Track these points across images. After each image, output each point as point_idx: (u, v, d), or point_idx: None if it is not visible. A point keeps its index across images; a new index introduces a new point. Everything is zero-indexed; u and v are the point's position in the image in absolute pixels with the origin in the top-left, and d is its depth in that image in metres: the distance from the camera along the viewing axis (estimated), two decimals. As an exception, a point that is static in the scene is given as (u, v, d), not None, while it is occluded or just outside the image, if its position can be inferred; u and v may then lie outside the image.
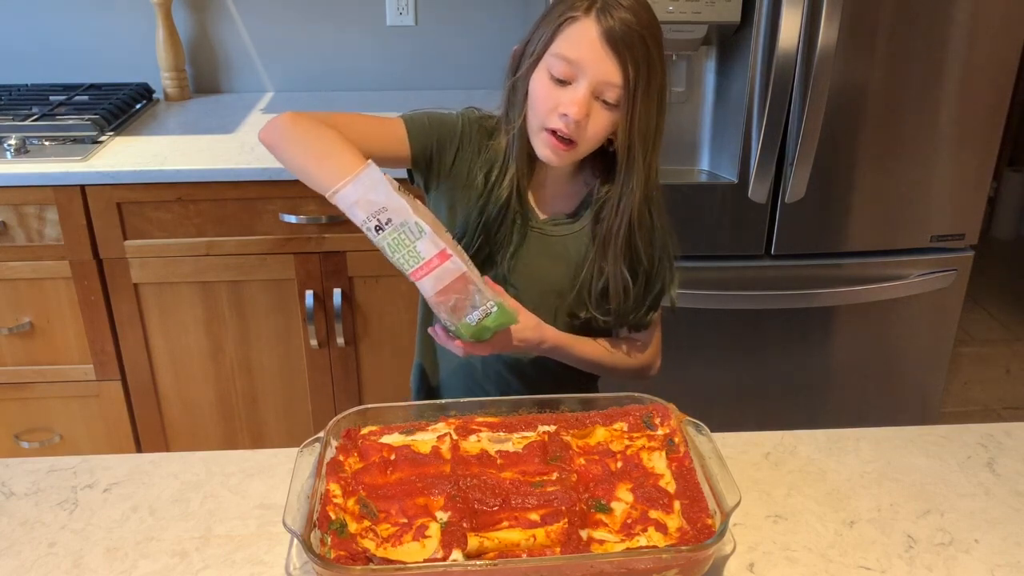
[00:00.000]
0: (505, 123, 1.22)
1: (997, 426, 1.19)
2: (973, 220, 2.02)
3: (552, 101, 1.13)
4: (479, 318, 1.07)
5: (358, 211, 1.05)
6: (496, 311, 1.07)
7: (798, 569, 0.94)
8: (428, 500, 0.94)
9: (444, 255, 1.03)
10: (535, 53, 1.15)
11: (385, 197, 1.04)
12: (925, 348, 2.12)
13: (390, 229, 1.04)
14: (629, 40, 1.09)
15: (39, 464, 1.09)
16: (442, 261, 1.04)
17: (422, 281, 1.05)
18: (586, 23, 1.10)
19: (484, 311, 1.07)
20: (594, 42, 1.10)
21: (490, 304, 1.07)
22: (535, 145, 1.18)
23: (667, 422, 1.05)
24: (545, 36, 1.14)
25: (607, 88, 1.12)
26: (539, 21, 1.17)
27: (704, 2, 1.75)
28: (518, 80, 1.18)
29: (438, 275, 1.04)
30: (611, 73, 1.10)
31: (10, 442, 2.09)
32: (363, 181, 1.05)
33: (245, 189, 1.89)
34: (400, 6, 2.40)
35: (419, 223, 1.03)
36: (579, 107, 1.11)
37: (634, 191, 1.18)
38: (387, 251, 1.05)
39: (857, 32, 1.80)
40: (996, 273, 3.83)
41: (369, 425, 1.05)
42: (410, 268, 1.05)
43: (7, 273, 1.93)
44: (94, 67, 2.38)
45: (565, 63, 1.11)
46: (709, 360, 2.07)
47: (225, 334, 2.04)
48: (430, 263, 1.04)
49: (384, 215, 1.04)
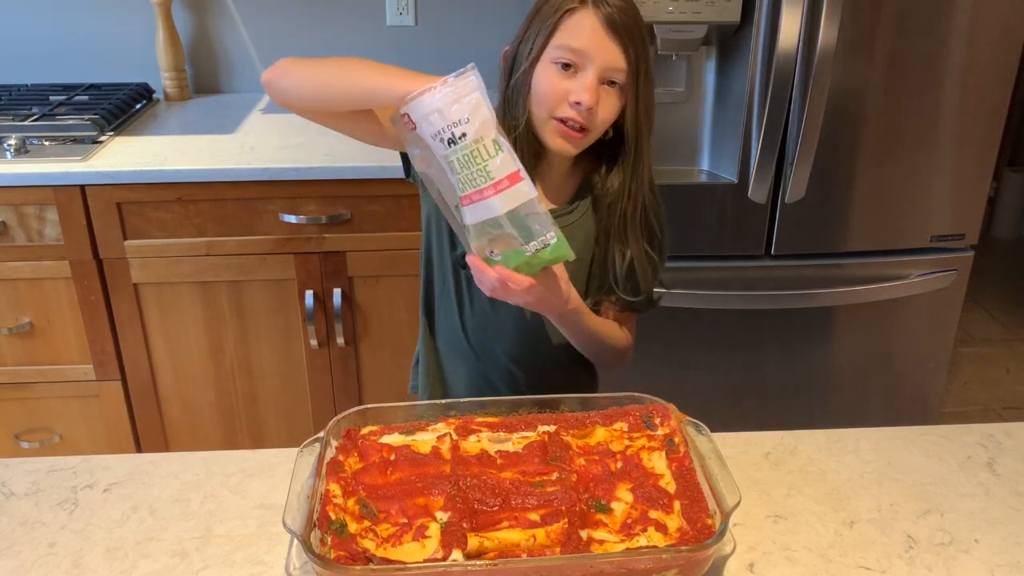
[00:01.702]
0: (509, 121, 1.22)
1: (997, 426, 1.19)
2: (973, 220, 2.02)
3: (561, 91, 1.15)
4: (536, 248, 1.02)
5: (434, 120, 0.99)
6: (555, 242, 1.02)
7: (798, 569, 0.94)
8: (428, 500, 0.94)
9: (516, 176, 0.99)
10: (534, 50, 1.17)
11: (472, 108, 0.98)
12: (925, 348, 2.12)
13: (464, 143, 0.98)
14: (627, 24, 1.14)
15: (39, 464, 1.09)
16: (513, 183, 0.99)
17: (487, 201, 0.99)
18: (585, 13, 1.13)
19: (543, 241, 1.02)
20: (597, 29, 1.13)
21: (550, 234, 1.02)
22: (545, 137, 1.19)
23: (667, 422, 1.05)
24: (544, 32, 1.16)
25: (613, 73, 1.15)
26: (529, 20, 1.19)
27: (704, 2, 1.75)
28: (519, 79, 1.19)
29: (508, 196, 0.99)
30: (616, 58, 1.14)
31: (10, 442, 2.09)
32: (459, 87, 0.98)
33: (245, 189, 1.89)
34: (400, 6, 2.40)
35: (498, 140, 0.99)
36: (590, 93, 1.13)
37: (645, 171, 1.21)
38: (451, 166, 1.00)
39: (857, 32, 1.80)
40: (996, 273, 3.83)
41: (369, 425, 1.05)
42: (473, 187, 0.99)
43: (7, 273, 1.93)
44: (94, 67, 2.38)
45: (571, 52, 1.14)
46: (709, 360, 2.07)
47: (225, 334, 2.04)
48: (500, 183, 0.99)
49: (461, 128, 0.98)
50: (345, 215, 1.93)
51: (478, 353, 1.32)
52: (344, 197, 1.92)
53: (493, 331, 1.30)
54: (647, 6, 1.74)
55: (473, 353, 1.32)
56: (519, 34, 1.21)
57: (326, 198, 1.92)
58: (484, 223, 1.02)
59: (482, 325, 1.30)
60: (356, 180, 1.90)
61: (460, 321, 1.31)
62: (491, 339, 1.31)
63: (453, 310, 1.31)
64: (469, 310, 1.30)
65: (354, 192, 1.91)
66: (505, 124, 1.23)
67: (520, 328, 1.28)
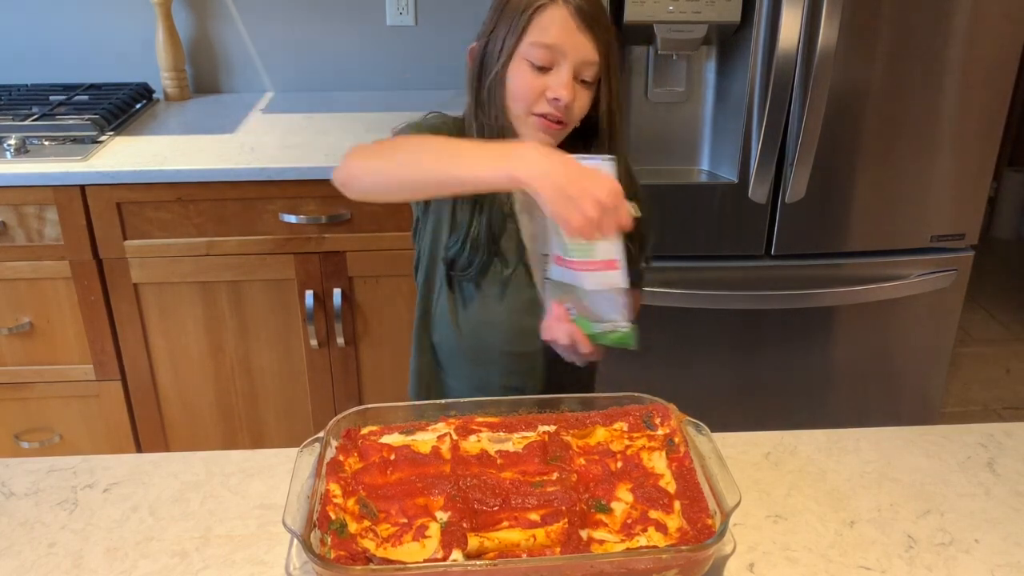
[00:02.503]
0: (483, 120, 1.22)
1: (997, 426, 1.19)
2: (973, 220, 2.02)
3: (537, 88, 1.16)
4: (606, 330, 1.10)
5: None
6: (625, 331, 1.10)
7: (798, 569, 0.94)
8: (428, 500, 0.94)
9: (614, 264, 1.05)
10: (506, 49, 1.17)
11: None
12: (925, 348, 2.12)
13: None
14: (595, 15, 1.16)
15: (39, 464, 1.09)
16: (608, 268, 1.05)
17: (579, 273, 1.06)
18: (556, 8, 1.14)
19: (613, 326, 1.10)
20: (568, 24, 1.14)
21: (622, 324, 1.09)
22: (523, 132, 1.20)
23: (667, 422, 1.05)
24: (515, 30, 1.16)
25: (586, 67, 1.17)
26: (495, 17, 1.19)
27: (704, 2, 1.75)
28: (493, 79, 1.19)
29: (600, 277, 1.06)
30: (589, 51, 1.16)
31: (10, 442, 2.09)
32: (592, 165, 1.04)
33: (245, 189, 1.89)
34: (400, 6, 2.40)
35: None
36: (568, 89, 1.15)
37: (621, 157, 1.20)
38: (558, 231, 1.04)
39: (857, 32, 1.80)
40: (996, 273, 3.83)
41: (369, 425, 1.05)
42: (571, 256, 1.06)
43: (7, 273, 1.93)
44: (94, 67, 2.38)
45: (545, 50, 1.15)
46: (709, 360, 2.07)
47: (225, 334, 2.04)
48: (596, 264, 1.05)
49: None
50: (345, 215, 1.93)
51: (474, 353, 1.32)
52: (344, 197, 1.90)
53: (488, 328, 1.30)
54: (647, 6, 1.74)
55: (469, 354, 1.32)
56: (485, 31, 1.21)
57: (326, 198, 1.92)
58: (569, 286, 1.10)
59: (476, 326, 1.30)
60: (356, 180, 1.89)
61: (455, 323, 1.31)
62: (487, 335, 1.31)
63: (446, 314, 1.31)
64: (463, 312, 1.30)
65: (354, 192, 1.91)
66: (480, 123, 1.23)
67: (514, 324, 1.29)
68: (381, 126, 2.13)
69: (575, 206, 0.96)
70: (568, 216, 0.97)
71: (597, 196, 0.96)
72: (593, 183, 0.98)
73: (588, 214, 0.96)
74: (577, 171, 0.99)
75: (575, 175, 0.98)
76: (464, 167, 1.04)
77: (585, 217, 0.96)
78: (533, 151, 1.01)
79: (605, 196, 0.97)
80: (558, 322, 1.12)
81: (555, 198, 0.97)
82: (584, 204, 0.96)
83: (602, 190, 0.97)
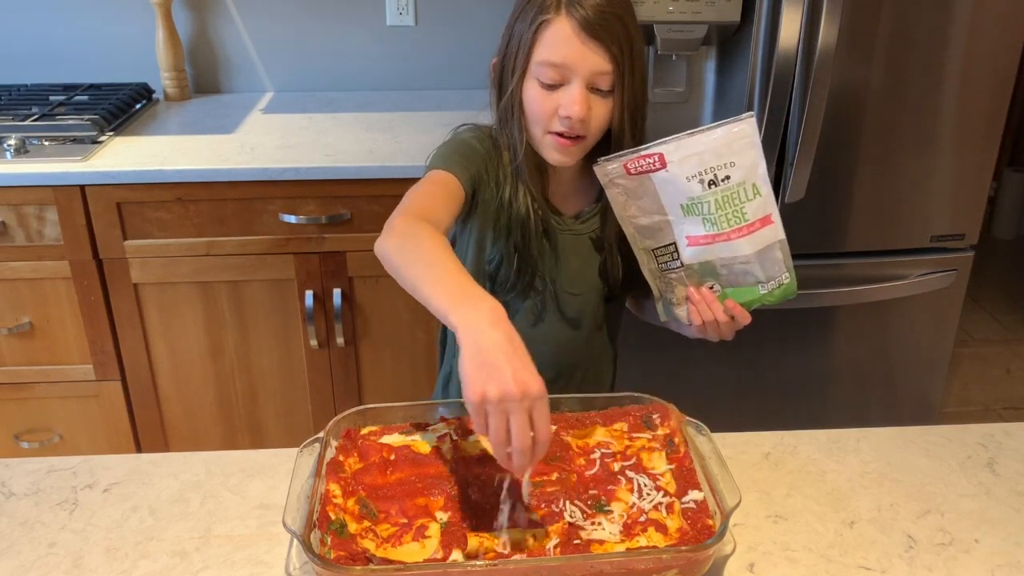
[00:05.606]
0: (507, 139, 1.21)
1: (997, 426, 1.19)
2: (973, 220, 2.02)
3: (550, 106, 1.13)
4: (772, 287, 1.08)
5: (706, 159, 1.01)
6: (788, 281, 1.07)
7: (798, 569, 0.94)
8: (428, 500, 0.94)
9: (768, 219, 1.02)
10: (518, 66, 1.14)
11: (742, 152, 1.01)
12: (925, 348, 2.12)
13: (727, 184, 1.01)
14: (606, 24, 1.09)
15: (39, 464, 1.09)
16: (764, 225, 1.03)
17: (733, 242, 1.04)
18: (560, 23, 1.10)
19: (778, 281, 1.07)
20: (573, 39, 1.09)
21: (784, 275, 1.07)
22: (542, 151, 1.18)
23: (667, 422, 1.05)
24: (523, 48, 1.13)
25: (599, 78, 1.12)
26: (509, 29, 1.16)
27: (704, 2, 1.75)
28: (510, 97, 1.17)
29: (757, 237, 1.03)
30: (599, 64, 1.11)
31: (10, 442, 2.09)
32: (733, 131, 1.01)
33: (245, 189, 1.89)
34: (400, 6, 2.40)
35: (757, 185, 1.01)
36: (580, 105, 1.11)
37: None
38: (706, 206, 1.02)
39: (857, 32, 1.80)
40: (996, 273, 3.83)
41: (369, 425, 1.05)
42: (721, 228, 1.03)
43: (7, 273, 1.93)
44: (94, 67, 2.38)
45: (552, 68, 1.11)
46: (709, 360, 2.07)
47: (225, 334, 2.04)
48: (752, 225, 1.03)
49: (726, 171, 1.01)
50: (345, 215, 1.93)
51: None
52: (344, 197, 1.92)
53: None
54: (647, 6, 1.74)
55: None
56: (501, 46, 1.18)
57: (326, 198, 1.92)
58: (711, 263, 1.08)
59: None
60: (356, 180, 1.90)
61: None
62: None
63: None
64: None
65: (354, 192, 1.91)
66: (504, 143, 1.21)
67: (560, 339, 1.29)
68: (381, 126, 2.15)
69: (484, 373, 0.83)
70: (470, 378, 0.83)
71: (512, 379, 0.82)
72: (517, 370, 0.83)
73: (489, 389, 0.82)
74: (509, 350, 0.84)
75: (505, 352, 0.84)
76: (426, 291, 0.94)
77: (483, 388, 0.82)
78: (487, 312, 0.87)
79: (516, 387, 0.82)
80: (712, 304, 1.12)
81: (471, 354, 0.84)
82: (494, 376, 0.82)
83: (521, 380, 0.82)
